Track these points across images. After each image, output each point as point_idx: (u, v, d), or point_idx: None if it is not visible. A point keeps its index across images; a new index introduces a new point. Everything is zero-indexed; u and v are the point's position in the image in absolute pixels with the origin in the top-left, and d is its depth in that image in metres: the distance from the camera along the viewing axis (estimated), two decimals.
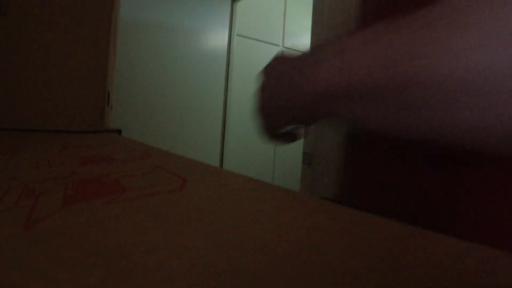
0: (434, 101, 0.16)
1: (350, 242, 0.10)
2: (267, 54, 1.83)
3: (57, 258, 0.09)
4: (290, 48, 1.95)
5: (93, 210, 0.13)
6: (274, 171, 1.90)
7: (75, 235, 0.11)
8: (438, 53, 0.15)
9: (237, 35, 1.68)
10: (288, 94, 0.23)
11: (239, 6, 1.66)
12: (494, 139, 0.16)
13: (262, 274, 0.08)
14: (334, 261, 0.09)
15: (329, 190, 0.79)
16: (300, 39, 1.99)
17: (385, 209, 0.23)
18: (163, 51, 1.41)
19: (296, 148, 1.95)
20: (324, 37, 0.83)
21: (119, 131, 0.55)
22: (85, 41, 0.48)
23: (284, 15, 1.91)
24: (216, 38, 1.59)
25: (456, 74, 0.15)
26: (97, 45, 0.49)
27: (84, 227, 0.11)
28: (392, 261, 0.09)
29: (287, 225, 0.11)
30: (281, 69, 0.25)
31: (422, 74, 0.16)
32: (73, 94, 0.48)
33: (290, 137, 0.32)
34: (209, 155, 1.61)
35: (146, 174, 0.20)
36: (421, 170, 0.23)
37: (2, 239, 0.10)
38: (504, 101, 0.14)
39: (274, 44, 1.87)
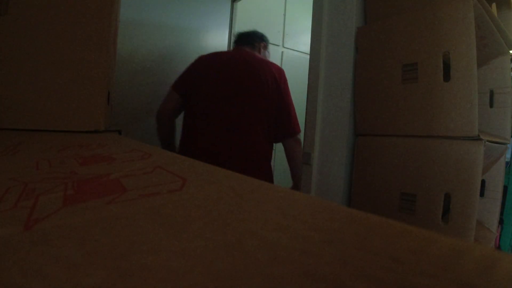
0: None
1: (350, 242, 0.10)
2: None
3: (57, 258, 0.09)
4: (290, 48, 1.95)
5: (93, 210, 0.13)
6: (274, 171, 1.90)
7: (75, 235, 0.11)
8: None
9: None
10: None
11: (239, 6, 1.66)
12: None
13: (262, 274, 0.08)
14: (334, 260, 0.09)
15: (329, 190, 0.79)
16: (300, 39, 1.99)
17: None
18: (163, 51, 1.41)
19: None
20: (324, 37, 0.83)
21: (119, 131, 0.55)
22: (85, 41, 0.48)
23: (284, 15, 1.91)
24: (216, 38, 1.59)
25: None
26: (97, 45, 0.49)
27: (84, 227, 0.11)
28: (391, 260, 0.09)
29: (287, 225, 0.11)
30: None
31: None
32: (73, 94, 0.48)
33: None
34: None
35: (146, 174, 0.20)
36: None
37: (2, 239, 0.10)
38: None
39: (274, 44, 1.87)
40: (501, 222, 1.53)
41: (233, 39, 1.15)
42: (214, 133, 0.89)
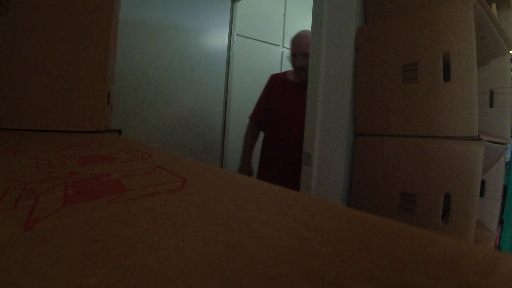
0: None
1: (350, 242, 0.10)
2: (267, 54, 1.83)
3: (57, 258, 0.09)
4: (290, 48, 1.95)
5: (93, 210, 0.13)
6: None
7: (75, 235, 0.11)
8: None
9: (237, 35, 1.68)
10: None
11: (239, 6, 1.66)
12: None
13: (262, 274, 0.08)
14: (334, 260, 0.09)
15: (329, 190, 0.79)
16: None
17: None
18: (163, 51, 1.41)
19: None
20: (324, 37, 0.83)
21: (119, 131, 0.55)
22: (85, 41, 0.48)
23: (284, 15, 1.91)
24: (216, 38, 1.59)
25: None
26: (97, 45, 0.49)
27: (84, 227, 0.11)
28: (391, 260, 0.09)
29: (287, 225, 0.11)
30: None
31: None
32: (73, 94, 0.48)
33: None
34: (209, 155, 1.61)
35: (146, 174, 0.20)
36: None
37: (2, 239, 0.10)
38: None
39: (274, 44, 1.87)
40: (501, 222, 1.53)
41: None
42: None
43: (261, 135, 1.34)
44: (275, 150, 1.25)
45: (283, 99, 1.25)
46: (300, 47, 1.22)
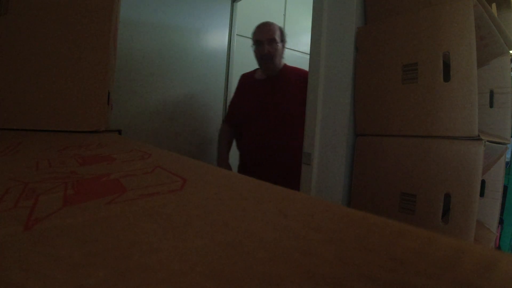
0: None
1: (350, 242, 0.10)
2: None
3: (57, 258, 0.09)
4: (290, 48, 1.95)
5: (93, 210, 0.13)
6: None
7: (75, 235, 0.11)
8: None
9: (237, 35, 1.68)
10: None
11: (239, 6, 1.66)
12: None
13: (262, 274, 0.08)
14: (334, 260, 0.09)
15: (329, 190, 0.79)
16: (300, 39, 1.99)
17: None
18: (163, 51, 1.41)
19: None
20: (324, 37, 0.83)
21: (119, 131, 0.55)
22: (85, 41, 0.48)
23: (284, 15, 1.91)
24: (216, 38, 1.59)
25: None
26: (97, 45, 0.49)
27: (84, 227, 0.11)
28: (391, 260, 0.09)
29: (287, 225, 0.11)
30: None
31: None
32: (73, 94, 0.48)
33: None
34: (209, 155, 1.61)
35: (146, 174, 0.20)
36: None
37: (2, 239, 0.10)
38: None
39: None
40: (501, 222, 1.53)
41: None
42: None
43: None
44: (249, 151, 1.24)
45: (251, 99, 1.24)
46: (266, 32, 1.19)
